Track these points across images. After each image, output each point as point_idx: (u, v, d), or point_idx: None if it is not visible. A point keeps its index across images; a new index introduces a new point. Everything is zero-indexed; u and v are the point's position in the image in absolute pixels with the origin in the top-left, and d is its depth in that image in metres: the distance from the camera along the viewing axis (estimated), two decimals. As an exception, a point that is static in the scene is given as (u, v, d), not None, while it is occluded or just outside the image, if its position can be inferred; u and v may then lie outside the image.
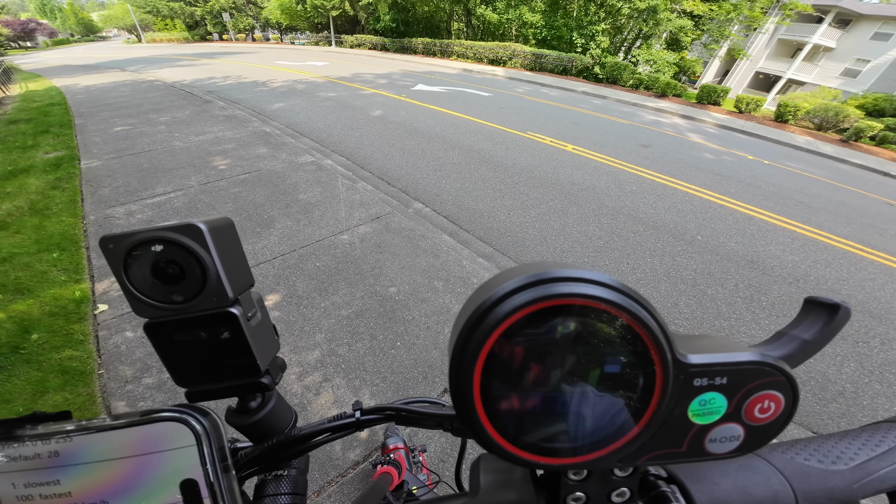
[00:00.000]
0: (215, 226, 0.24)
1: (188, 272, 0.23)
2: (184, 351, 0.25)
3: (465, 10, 21.91)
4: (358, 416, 0.30)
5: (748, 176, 5.79)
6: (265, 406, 0.31)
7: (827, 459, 0.19)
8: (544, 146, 5.65)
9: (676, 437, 0.15)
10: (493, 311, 0.13)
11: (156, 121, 5.48)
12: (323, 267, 2.45)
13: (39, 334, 1.86)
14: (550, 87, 12.60)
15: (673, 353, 0.14)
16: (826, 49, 25.19)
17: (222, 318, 0.24)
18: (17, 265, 2.36)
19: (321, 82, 9.90)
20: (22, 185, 3.51)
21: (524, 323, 0.13)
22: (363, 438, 1.48)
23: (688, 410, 0.15)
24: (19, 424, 0.18)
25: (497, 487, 0.21)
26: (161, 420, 0.19)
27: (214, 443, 0.19)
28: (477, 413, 0.14)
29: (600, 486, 0.19)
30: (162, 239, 0.22)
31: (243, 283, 0.26)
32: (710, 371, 0.14)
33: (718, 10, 16.67)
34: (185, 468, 0.19)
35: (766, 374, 0.15)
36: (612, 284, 0.13)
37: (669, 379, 0.14)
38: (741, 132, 10.05)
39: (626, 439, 0.15)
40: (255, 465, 0.29)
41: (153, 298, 0.23)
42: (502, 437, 0.15)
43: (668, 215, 3.82)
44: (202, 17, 39.69)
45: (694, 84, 23.88)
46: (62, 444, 0.18)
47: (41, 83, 10.27)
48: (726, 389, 0.15)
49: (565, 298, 0.13)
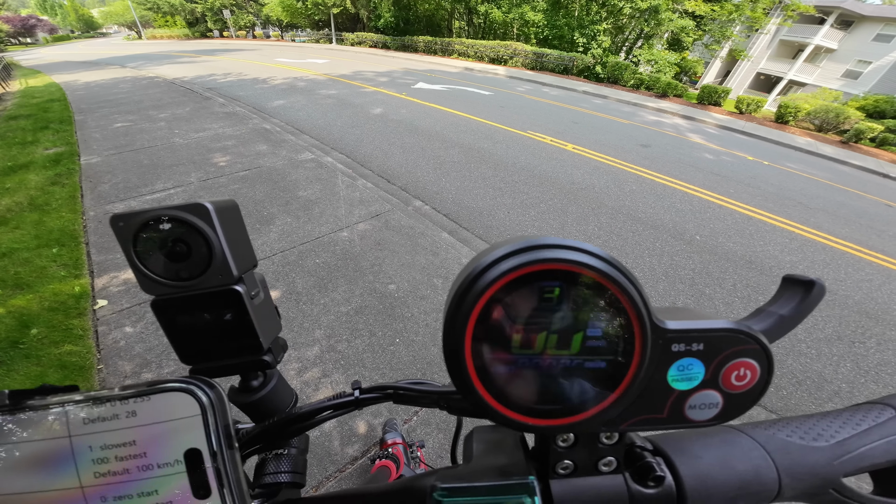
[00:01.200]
0: (221, 206, 0.24)
1: (195, 250, 0.24)
2: (189, 329, 0.26)
3: (466, 8, 21.86)
4: (357, 394, 0.30)
5: (747, 176, 5.80)
6: (267, 385, 0.32)
7: (808, 436, 0.19)
8: (544, 145, 5.65)
9: (657, 402, 0.16)
10: (484, 275, 0.14)
11: (156, 117, 5.48)
12: (322, 264, 2.45)
13: (39, 329, 1.87)
14: (551, 87, 12.59)
15: (651, 318, 0.14)
16: (828, 50, 25.18)
17: (227, 296, 0.25)
18: (16, 260, 2.36)
19: (322, 80, 9.88)
20: (22, 180, 3.50)
21: (512, 287, 0.14)
22: (362, 434, 1.49)
23: (667, 376, 0.15)
24: (30, 395, 0.19)
25: (489, 454, 0.22)
26: (168, 391, 0.19)
27: (219, 414, 0.20)
28: (469, 375, 0.15)
29: (587, 454, 0.19)
30: (170, 217, 0.23)
31: (247, 262, 0.27)
32: (686, 337, 0.15)
33: (720, 10, 16.65)
34: (189, 438, 0.19)
35: (742, 341, 0.15)
36: (593, 251, 0.14)
37: (648, 343, 0.14)
38: (741, 133, 10.05)
39: (608, 402, 0.16)
40: (257, 444, 0.30)
41: (161, 275, 0.24)
42: (493, 398, 0.16)
43: (667, 215, 3.83)
44: (203, 13, 39.57)
45: (695, 84, 23.86)
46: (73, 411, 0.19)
47: (41, 79, 10.25)
48: (703, 356, 0.15)
49: (549, 263, 0.13)
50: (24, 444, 0.18)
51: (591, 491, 0.19)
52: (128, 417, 0.19)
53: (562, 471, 0.20)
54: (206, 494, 0.19)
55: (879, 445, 0.19)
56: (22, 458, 0.18)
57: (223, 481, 0.19)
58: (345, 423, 1.52)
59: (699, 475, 0.19)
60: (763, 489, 0.18)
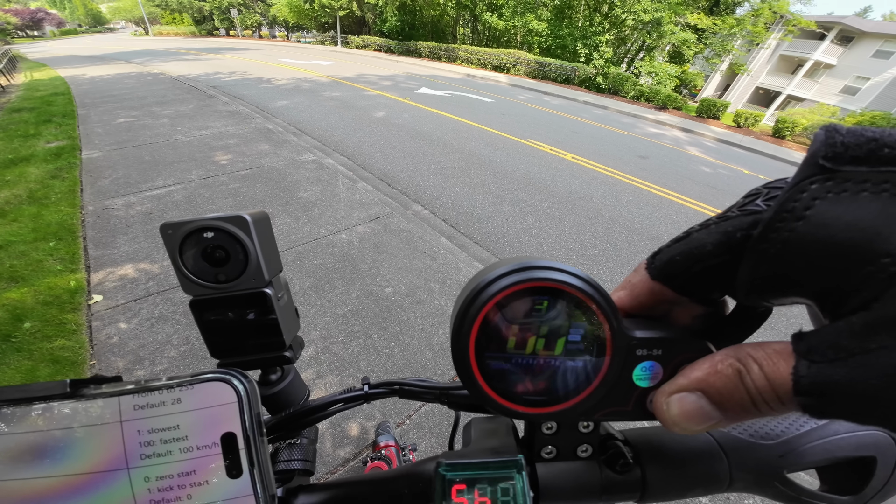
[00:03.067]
0: (257, 218, 0.27)
1: (233, 256, 0.26)
2: (221, 326, 0.28)
3: (471, 15, 22.11)
4: (366, 389, 0.33)
5: (743, 190, 5.74)
6: (284, 379, 0.35)
7: (757, 435, 0.22)
8: (544, 154, 5.70)
9: (624, 397, 0.19)
10: (486, 290, 0.17)
11: (159, 114, 5.50)
12: (320, 265, 2.46)
13: (32, 323, 1.87)
14: (552, 96, 12.72)
15: (620, 328, 0.17)
16: (827, 66, 25.52)
17: (257, 297, 0.28)
18: (12, 253, 2.36)
19: (325, 81, 9.95)
20: (22, 173, 3.51)
21: (508, 300, 0.17)
22: (354, 436, 1.49)
23: (632, 375, 0.18)
24: (86, 384, 0.21)
25: (485, 440, 0.25)
26: (209, 380, 0.21)
27: (253, 402, 0.22)
28: (472, 370, 0.18)
29: (568, 441, 0.23)
30: (213, 227, 0.25)
31: (276, 268, 0.29)
32: (648, 343, 0.18)
33: (722, 24, 16.90)
34: (226, 423, 0.21)
35: (693, 348, 0.18)
36: (577, 273, 0.17)
37: (617, 348, 0.17)
38: (739, 147, 10.16)
39: (584, 395, 0.18)
40: (272, 434, 0.32)
41: (201, 278, 0.27)
42: (492, 390, 0.19)
43: (663, 226, 3.86)
44: (210, 12, 39.87)
45: (695, 97, 24.13)
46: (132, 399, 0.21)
47: (46, 72, 10.29)
48: (662, 359, 0.18)
49: (540, 282, 0.16)
50: (80, 428, 0.20)
51: (569, 473, 0.22)
52: (173, 404, 0.21)
53: (546, 455, 0.23)
54: (237, 475, 0.21)
55: (819, 445, 0.22)
56: (77, 442, 0.20)
57: (254, 462, 0.21)
58: (337, 425, 1.52)
59: (661, 465, 0.22)
60: (716, 479, 0.21)
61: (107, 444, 0.21)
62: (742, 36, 18.01)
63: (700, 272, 0.15)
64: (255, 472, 0.21)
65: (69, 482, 0.20)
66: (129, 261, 2.35)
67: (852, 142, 0.11)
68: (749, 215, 0.14)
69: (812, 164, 0.12)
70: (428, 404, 1.63)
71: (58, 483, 0.20)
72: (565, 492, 0.22)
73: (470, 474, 0.21)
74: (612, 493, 0.22)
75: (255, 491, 0.21)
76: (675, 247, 0.16)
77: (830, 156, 0.11)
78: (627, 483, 0.22)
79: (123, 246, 2.49)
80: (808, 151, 0.12)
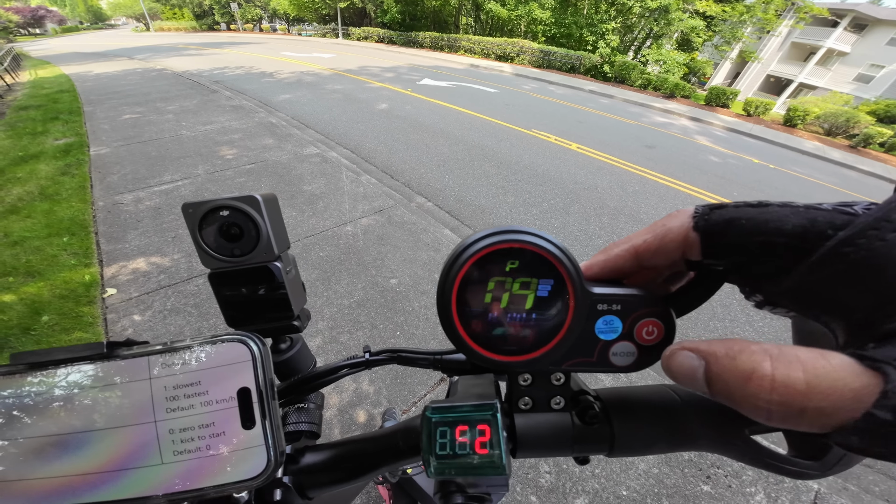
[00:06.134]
0: (267, 198, 0.30)
1: (246, 232, 0.29)
2: (236, 297, 0.32)
3: (473, 4, 21.73)
4: (367, 356, 0.36)
5: (752, 180, 5.78)
6: (293, 347, 0.38)
7: None
8: (549, 144, 5.65)
9: (588, 348, 0.21)
10: (466, 251, 0.19)
11: (163, 109, 5.53)
12: (326, 257, 2.49)
13: (50, 316, 1.92)
14: (557, 85, 12.53)
15: (582, 284, 0.19)
16: (840, 53, 24.79)
17: (268, 270, 0.31)
18: (28, 248, 2.41)
19: (328, 74, 9.90)
20: (32, 170, 3.57)
21: (485, 259, 0.19)
22: (361, 422, 1.53)
23: (594, 328, 0.20)
24: (119, 346, 0.24)
25: (468, 390, 0.28)
26: (228, 341, 0.24)
27: (266, 360, 0.25)
28: (455, 322, 0.20)
29: (542, 392, 0.25)
30: (229, 206, 0.28)
31: (284, 244, 0.32)
32: (608, 299, 0.20)
33: (732, 11, 16.46)
34: (241, 379, 0.24)
35: (649, 304, 0.20)
36: (545, 236, 0.19)
37: (579, 302, 0.20)
38: (748, 135, 9.97)
39: (552, 344, 0.21)
40: (282, 398, 0.35)
41: (218, 252, 0.30)
42: (472, 340, 0.21)
43: (669, 216, 3.83)
44: (210, 6, 39.60)
45: (704, 86, 23.61)
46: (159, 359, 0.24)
47: (50, 70, 10.35)
48: (621, 314, 0.20)
49: (511, 243, 0.19)
50: (115, 386, 0.23)
51: (544, 423, 0.25)
52: (196, 363, 0.24)
53: (523, 406, 0.25)
54: (251, 426, 0.24)
55: None
56: (111, 398, 0.23)
57: (265, 414, 0.24)
58: (345, 411, 1.56)
59: (628, 419, 0.24)
60: (680, 436, 0.23)
61: (137, 399, 0.23)
62: (752, 23, 17.51)
63: (756, 245, 0.14)
64: (266, 423, 0.24)
65: (103, 436, 0.23)
66: (141, 255, 2.40)
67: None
68: (843, 214, 0.13)
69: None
70: (431, 392, 1.66)
71: (94, 436, 0.22)
72: (540, 440, 0.24)
73: (452, 416, 0.23)
74: (583, 444, 0.24)
75: (266, 441, 0.24)
76: (746, 210, 0.15)
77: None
78: (597, 434, 0.24)
79: (134, 240, 2.53)
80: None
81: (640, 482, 1.41)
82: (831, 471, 0.21)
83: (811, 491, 1.46)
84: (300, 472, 0.29)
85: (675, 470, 1.46)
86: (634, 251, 0.19)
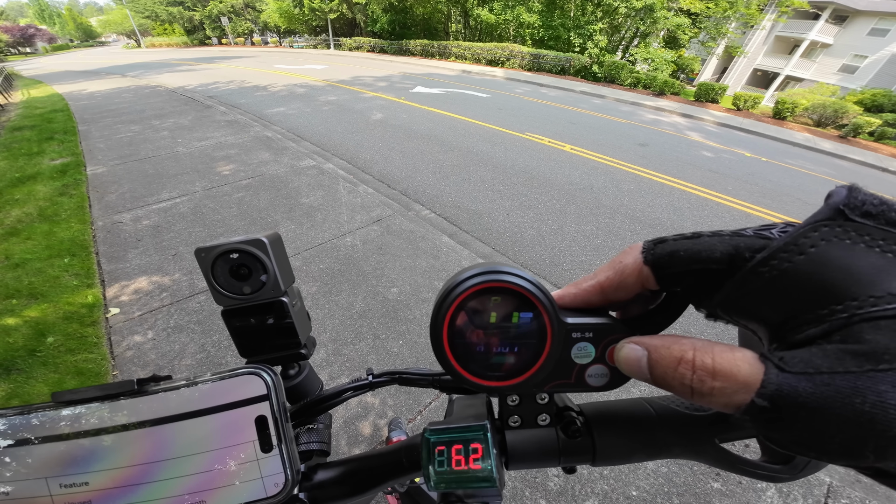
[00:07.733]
0: (272, 239, 0.33)
1: (254, 272, 0.32)
2: (248, 330, 0.34)
3: (462, 11, 21.98)
4: (371, 378, 0.39)
5: (745, 174, 5.85)
6: (301, 373, 0.41)
7: (692, 407, 0.26)
8: (542, 147, 5.71)
9: (566, 372, 0.23)
10: (455, 289, 0.22)
11: (159, 126, 5.55)
12: (326, 269, 2.51)
13: (55, 337, 1.93)
14: (549, 87, 12.66)
15: (558, 317, 0.22)
16: (823, 45, 25.17)
17: (276, 305, 0.33)
18: (29, 271, 2.42)
19: (321, 86, 9.97)
20: (30, 191, 3.57)
21: (470, 297, 0.22)
22: (367, 435, 1.54)
23: (570, 354, 0.23)
24: (148, 382, 0.26)
25: (464, 411, 0.30)
26: (244, 374, 0.26)
27: (279, 390, 0.27)
28: (447, 354, 0.23)
29: (529, 411, 0.27)
30: (238, 250, 0.31)
31: (289, 279, 0.35)
32: (581, 328, 0.22)
33: (715, 7, 16.71)
34: (258, 408, 0.26)
35: (618, 330, 0.22)
36: (523, 275, 0.21)
37: (556, 332, 0.22)
38: (739, 129, 10.10)
39: (533, 370, 0.23)
40: (293, 420, 0.38)
41: (230, 291, 0.32)
42: (462, 368, 0.23)
43: (664, 213, 3.88)
44: (201, 21, 39.81)
45: (692, 82, 23.89)
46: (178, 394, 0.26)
47: (43, 89, 10.36)
48: (593, 340, 0.22)
49: (494, 282, 0.21)
50: (143, 420, 0.25)
51: (532, 439, 0.27)
52: (216, 395, 0.26)
53: (512, 423, 0.27)
54: (269, 450, 0.26)
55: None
56: (140, 430, 0.25)
57: (281, 438, 0.26)
58: (351, 423, 1.58)
59: (608, 432, 0.26)
60: (656, 446, 0.26)
61: (164, 432, 0.25)
62: (736, 18, 17.79)
63: (694, 273, 0.17)
64: (282, 447, 0.26)
65: (136, 470, 0.25)
66: (142, 274, 2.41)
67: (868, 200, 0.13)
68: (761, 239, 0.15)
69: (832, 208, 0.14)
70: (434, 402, 1.68)
71: (127, 468, 0.25)
72: (529, 454, 0.27)
73: (448, 437, 0.26)
74: (569, 456, 0.26)
75: (283, 462, 0.26)
76: (683, 242, 0.17)
77: (851, 206, 0.13)
78: (580, 447, 0.26)
79: (135, 259, 2.55)
80: (828, 200, 0.14)
81: (650, 482, 1.43)
82: (801, 473, 0.23)
83: (823, 485, 1.47)
84: (314, 487, 0.32)
85: (685, 468, 1.48)
86: (600, 287, 0.21)
